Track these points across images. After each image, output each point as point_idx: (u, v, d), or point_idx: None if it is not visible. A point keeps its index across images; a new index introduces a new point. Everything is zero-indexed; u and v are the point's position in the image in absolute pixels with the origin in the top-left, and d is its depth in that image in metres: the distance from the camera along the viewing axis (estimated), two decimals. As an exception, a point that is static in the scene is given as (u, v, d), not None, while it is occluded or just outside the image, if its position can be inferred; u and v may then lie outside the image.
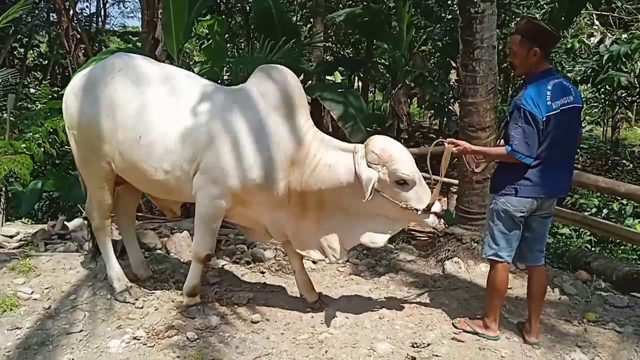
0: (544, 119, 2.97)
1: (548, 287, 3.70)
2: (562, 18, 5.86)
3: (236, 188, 3.17)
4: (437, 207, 3.16)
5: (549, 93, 3.01)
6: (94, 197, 3.66)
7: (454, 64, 8.69)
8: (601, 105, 11.74)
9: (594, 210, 6.94)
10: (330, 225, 3.33)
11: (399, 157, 3.08)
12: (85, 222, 5.55)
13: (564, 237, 6.51)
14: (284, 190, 3.22)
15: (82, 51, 7.02)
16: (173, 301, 3.65)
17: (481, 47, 4.20)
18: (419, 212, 3.12)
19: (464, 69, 4.36)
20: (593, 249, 6.26)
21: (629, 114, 15.63)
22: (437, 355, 3.11)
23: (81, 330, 3.25)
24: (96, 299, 3.61)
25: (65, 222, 5.34)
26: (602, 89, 8.62)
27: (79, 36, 7.08)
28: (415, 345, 3.19)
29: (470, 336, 3.33)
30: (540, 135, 2.98)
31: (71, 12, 7.70)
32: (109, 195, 3.63)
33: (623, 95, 9.55)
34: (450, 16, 8.42)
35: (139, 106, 3.26)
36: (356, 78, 20.06)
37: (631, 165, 10.31)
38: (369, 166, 3.06)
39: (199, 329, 3.32)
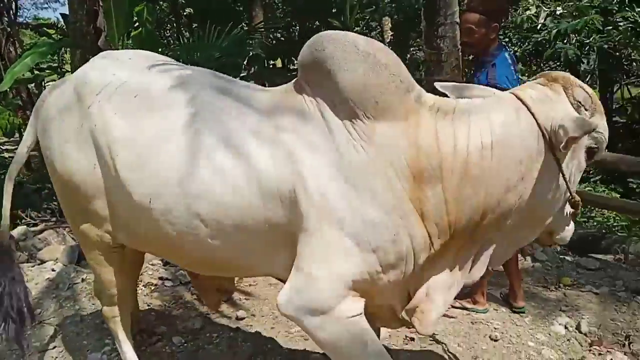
0: None
1: (519, 255, 3.78)
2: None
3: (356, 277, 1.78)
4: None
5: (512, 68, 3.07)
6: (97, 275, 2.43)
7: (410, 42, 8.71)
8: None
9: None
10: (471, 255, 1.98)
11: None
12: (30, 229, 5.22)
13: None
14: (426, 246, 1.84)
15: (13, 46, 6.42)
16: (149, 305, 3.45)
17: (445, 24, 4.16)
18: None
19: (428, 46, 4.32)
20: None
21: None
22: (434, 333, 3.09)
23: (55, 347, 2.97)
24: (64, 311, 3.32)
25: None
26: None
27: (9, 29, 6.47)
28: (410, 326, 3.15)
29: (460, 312, 3.34)
30: None
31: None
32: (114, 274, 2.36)
33: (554, 66, 9.99)
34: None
35: (139, 148, 1.96)
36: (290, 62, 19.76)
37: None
38: (578, 110, 1.78)
39: (184, 333, 3.13)
